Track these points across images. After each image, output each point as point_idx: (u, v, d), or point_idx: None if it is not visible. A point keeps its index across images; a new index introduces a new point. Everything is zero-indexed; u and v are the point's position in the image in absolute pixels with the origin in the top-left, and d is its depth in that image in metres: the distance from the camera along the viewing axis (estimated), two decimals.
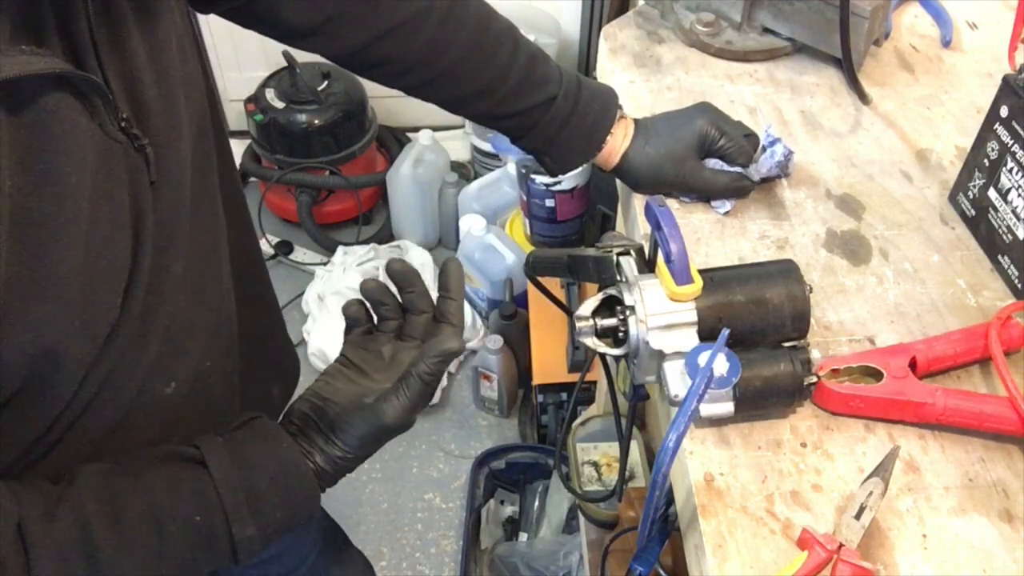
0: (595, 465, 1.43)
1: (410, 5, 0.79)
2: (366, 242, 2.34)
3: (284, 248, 2.42)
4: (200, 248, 0.68)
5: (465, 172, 2.51)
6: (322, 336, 2.08)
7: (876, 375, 0.70)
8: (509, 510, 1.92)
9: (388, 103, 2.46)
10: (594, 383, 1.63)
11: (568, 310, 0.88)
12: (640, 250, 0.73)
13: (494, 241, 2.07)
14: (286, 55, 2.19)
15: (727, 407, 0.66)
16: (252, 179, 2.54)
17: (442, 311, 0.70)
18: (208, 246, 0.71)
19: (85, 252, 0.53)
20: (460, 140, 2.54)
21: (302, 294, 2.26)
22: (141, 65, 0.58)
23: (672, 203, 0.88)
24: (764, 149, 0.87)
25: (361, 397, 0.66)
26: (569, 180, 1.75)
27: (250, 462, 0.62)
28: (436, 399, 2.06)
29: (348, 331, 0.73)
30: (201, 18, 0.75)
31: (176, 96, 0.62)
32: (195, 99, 0.67)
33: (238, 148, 2.57)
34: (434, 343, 0.64)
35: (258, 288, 0.93)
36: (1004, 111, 0.78)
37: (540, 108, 0.84)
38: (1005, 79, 0.78)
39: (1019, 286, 0.79)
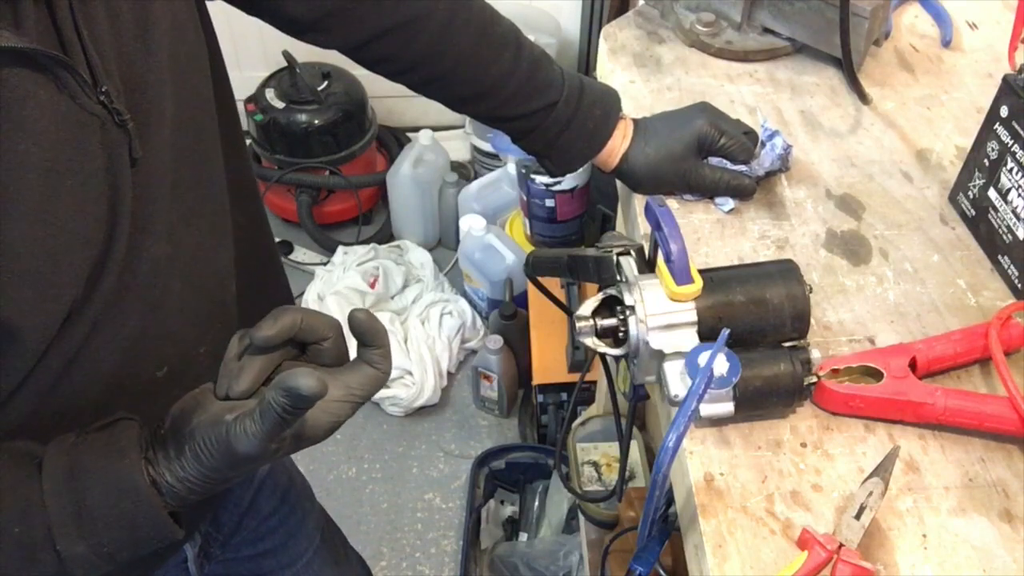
0: (595, 465, 1.43)
1: (412, 6, 0.79)
2: (366, 242, 2.33)
3: (284, 248, 2.42)
4: (195, 233, 0.67)
5: (465, 172, 2.51)
6: None
7: (876, 375, 0.70)
8: (509, 510, 1.92)
9: (388, 103, 2.45)
10: (594, 383, 1.63)
11: (568, 310, 0.88)
12: (640, 250, 0.73)
13: (494, 241, 2.07)
14: (286, 55, 2.18)
15: (727, 407, 0.66)
16: None
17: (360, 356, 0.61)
18: (204, 232, 0.69)
19: (42, 225, 0.52)
20: (460, 140, 2.54)
21: (302, 294, 2.26)
22: (127, 40, 0.57)
23: (672, 203, 0.88)
24: (763, 144, 0.88)
25: (223, 413, 0.56)
26: (569, 180, 1.75)
27: (87, 474, 0.55)
28: (436, 399, 2.06)
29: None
30: None
31: (163, 74, 0.60)
32: (192, 80, 0.66)
33: None
34: (285, 376, 0.53)
35: (266, 273, 0.92)
36: (1004, 111, 0.78)
37: (541, 113, 0.85)
38: (1005, 79, 0.78)
39: (1019, 286, 0.79)
